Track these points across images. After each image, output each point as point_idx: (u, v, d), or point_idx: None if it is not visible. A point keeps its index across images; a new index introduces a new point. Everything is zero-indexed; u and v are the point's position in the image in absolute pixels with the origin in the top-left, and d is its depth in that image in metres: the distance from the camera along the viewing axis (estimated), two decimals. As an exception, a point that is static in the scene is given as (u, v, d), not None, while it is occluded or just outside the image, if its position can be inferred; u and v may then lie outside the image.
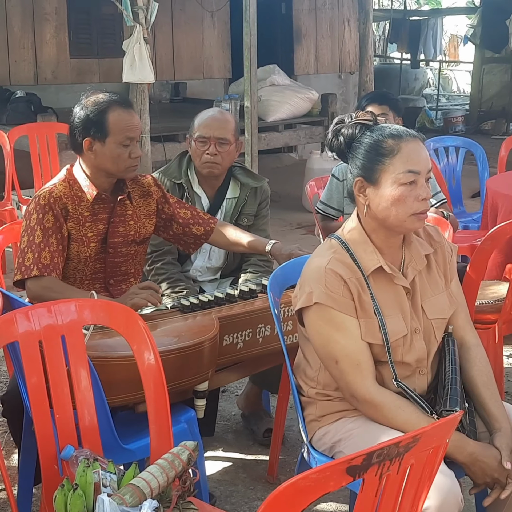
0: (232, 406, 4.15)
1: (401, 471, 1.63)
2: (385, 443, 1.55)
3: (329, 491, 1.53)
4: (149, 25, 6.46)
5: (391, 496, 1.67)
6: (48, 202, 3.13)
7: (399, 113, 4.39)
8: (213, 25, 10.24)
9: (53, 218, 3.13)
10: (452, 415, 1.72)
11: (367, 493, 1.59)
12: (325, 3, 11.22)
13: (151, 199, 3.40)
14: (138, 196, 3.37)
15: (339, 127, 2.57)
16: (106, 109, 3.13)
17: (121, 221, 3.29)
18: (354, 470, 1.52)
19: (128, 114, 3.18)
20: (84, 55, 9.25)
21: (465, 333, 2.67)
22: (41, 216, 3.12)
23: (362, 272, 2.48)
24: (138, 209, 3.36)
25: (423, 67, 17.97)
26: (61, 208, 3.15)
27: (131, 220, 3.32)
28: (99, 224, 3.24)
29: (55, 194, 3.16)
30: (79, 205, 3.20)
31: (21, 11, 8.71)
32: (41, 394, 2.36)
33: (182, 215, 3.47)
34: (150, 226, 3.40)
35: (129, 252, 3.33)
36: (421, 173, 2.44)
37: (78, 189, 3.21)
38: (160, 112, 7.74)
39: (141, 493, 2.13)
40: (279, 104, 8.31)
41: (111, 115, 3.12)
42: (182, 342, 2.82)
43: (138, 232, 3.34)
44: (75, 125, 3.17)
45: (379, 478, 1.58)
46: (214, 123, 3.74)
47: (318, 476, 1.50)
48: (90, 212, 3.22)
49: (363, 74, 8.86)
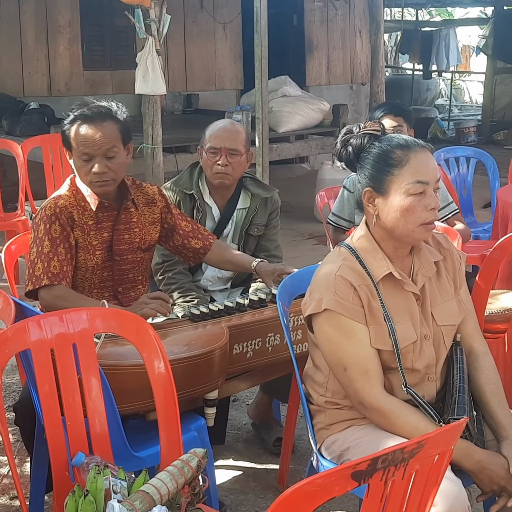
0: (243, 415, 4.16)
1: (406, 476, 1.65)
2: (390, 449, 1.57)
3: (335, 496, 1.55)
4: (161, 37, 6.49)
5: (397, 501, 1.69)
6: (54, 212, 3.18)
7: (411, 125, 4.41)
8: (225, 37, 10.31)
9: (60, 227, 3.17)
10: (456, 422, 1.74)
11: (373, 499, 1.61)
12: (337, 15, 11.28)
13: (155, 206, 3.44)
14: (142, 204, 3.40)
15: (348, 137, 2.60)
16: (72, 122, 3.18)
17: (126, 229, 3.32)
18: (359, 475, 1.54)
19: (91, 129, 3.14)
20: (97, 67, 9.33)
21: (473, 340, 2.69)
22: (48, 226, 3.16)
23: (371, 279, 2.50)
24: (143, 217, 3.39)
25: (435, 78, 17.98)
26: (67, 218, 3.19)
27: (136, 227, 3.35)
28: (103, 232, 3.27)
29: (61, 204, 3.20)
30: (83, 214, 3.24)
31: (35, 24, 8.81)
32: (53, 401, 2.39)
33: (183, 227, 3.50)
34: (155, 234, 3.44)
35: (135, 259, 3.37)
36: (429, 183, 2.46)
37: (81, 199, 3.25)
38: (172, 123, 7.79)
39: (151, 500, 2.15)
40: (291, 115, 8.34)
41: (73, 129, 3.17)
42: (192, 351, 2.84)
43: (143, 239, 3.37)
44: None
45: (384, 484, 1.60)
46: (225, 134, 3.77)
47: (323, 481, 1.52)
48: (94, 220, 3.26)
49: (374, 85, 8.88)
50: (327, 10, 11.20)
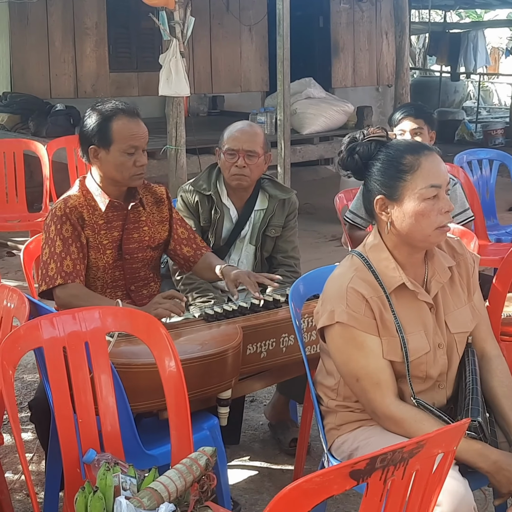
0: (260, 415, 4.18)
1: (406, 476, 1.66)
2: (389, 448, 1.58)
3: (333, 495, 1.57)
4: (186, 39, 6.53)
5: (397, 501, 1.69)
6: (64, 213, 3.21)
7: (433, 127, 4.37)
8: (251, 39, 10.35)
9: (71, 227, 3.21)
10: (458, 423, 1.75)
11: (372, 498, 1.62)
12: (363, 17, 11.28)
13: (163, 205, 3.47)
14: (151, 203, 3.44)
15: (353, 145, 2.55)
16: (110, 118, 3.20)
17: (135, 228, 3.36)
18: (358, 474, 1.55)
19: (133, 123, 3.23)
20: (123, 68, 9.41)
21: (486, 344, 2.68)
22: (59, 226, 3.20)
23: (384, 290, 2.48)
24: (151, 216, 3.43)
25: (463, 80, 17.89)
26: (77, 217, 3.23)
27: (145, 226, 3.39)
28: (113, 231, 3.31)
29: (70, 204, 3.24)
30: (93, 214, 3.27)
31: (62, 26, 8.89)
32: (65, 398, 2.42)
33: (179, 233, 3.52)
34: (164, 232, 3.47)
35: (145, 258, 3.40)
36: (442, 186, 2.46)
37: (91, 199, 3.29)
38: (197, 125, 7.83)
39: (159, 497, 2.18)
40: (315, 117, 8.36)
41: (115, 124, 3.19)
42: (205, 350, 2.86)
43: (152, 237, 3.41)
44: (83, 133, 3.26)
45: (383, 483, 1.61)
46: (243, 136, 3.78)
47: (321, 479, 1.53)
48: (104, 220, 3.29)
49: (399, 87, 8.87)
50: (353, 12, 11.20)
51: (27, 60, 8.74)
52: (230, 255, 3.90)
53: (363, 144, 2.53)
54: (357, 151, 2.54)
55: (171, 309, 3.03)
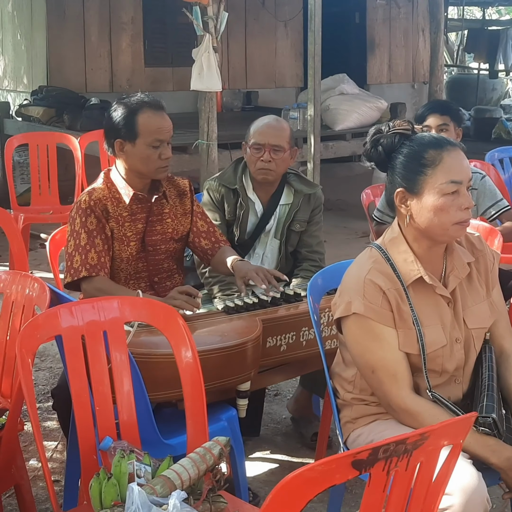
0: (283, 409, 4.20)
1: (410, 468, 1.67)
2: (392, 439, 1.59)
3: (335, 484, 1.58)
4: (219, 34, 6.56)
5: (401, 492, 1.70)
6: (89, 205, 3.25)
7: (459, 124, 4.34)
8: (286, 35, 10.35)
9: (95, 220, 3.25)
10: (464, 416, 1.75)
11: (375, 488, 1.63)
12: (400, 13, 11.24)
13: (186, 198, 3.50)
14: (174, 196, 3.48)
15: (378, 137, 2.56)
16: (136, 111, 3.23)
17: (159, 220, 3.39)
18: (360, 464, 1.57)
19: (158, 116, 3.27)
20: (158, 63, 9.46)
21: (504, 341, 2.67)
22: (84, 219, 3.24)
23: (401, 283, 2.49)
24: (174, 208, 3.46)
25: (501, 78, 17.71)
26: (102, 210, 3.27)
27: (168, 218, 3.42)
28: (137, 224, 3.35)
29: (95, 197, 3.28)
30: (117, 206, 3.31)
31: (99, 21, 8.97)
32: (83, 386, 2.46)
33: (198, 226, 3.54)
34: (187, 224, 3.50)
35: (168, 249, 3.43)
36: (463, 182, 2.45)
37: (115, 191, 3.33)
38: (231, 120, 7.85)
39: (172, 485, 2.21)
40: (348, 113, 8.34)
41: (141, 117, 3.23)
42: (225, 342, 2.89)
43: (175, 229, 3.44)
44: (109, 127, 3.29)
45: (386, 474, 1.62)
46: (269, 130, 3.80)
47: (323, 468, 1.55)
48: (129, 212, 3.33)
49: (433, 84, 8.84)
50: (389, 8, 11.16)
51: (64, 54, 8.82)
52: (254, 249, 3.92)
53: (388, 136, 2.55)
54: (381, 143, 2.55)
55: (182, 306, 3.05)
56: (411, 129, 2.56)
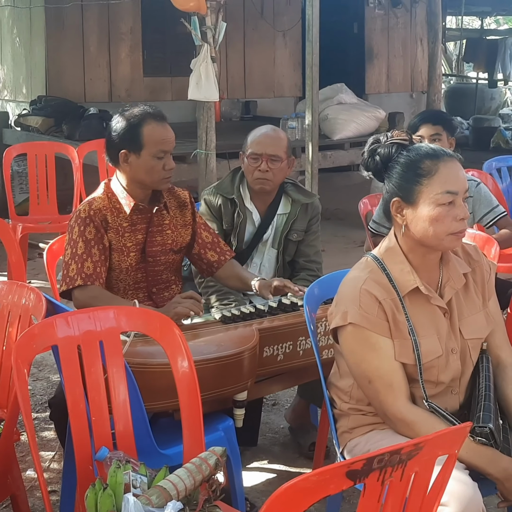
0: (281, 419, 4.19)
1: (404, 478, 1.66)
2: (386, 449, 1.58)
3: (330, 494, 1.58)
4: (217, 44, 6.56)
5: (396, 503, 1.70)
6: (88, 215, 3.25)
7: (452, 133, 4.34)
8: (284, 45, 10.37)
9: (94, 229, 3.24)
10: (459, 426, 1.75)
11: (369, 499, 1.63)
12: (398, 23, 11.25)
13: (186, 209, 3.50)
14: (174, 207, 3.47)
15: (375, 146, 2.58)
16: (140, 122, 3.24)
17: (159, 231, 3.39)
18: (354, 475, 1.56)
19: (162, 127, 3.28)
20: (157, 73, 9.46)
21: (501, 352, 2.67)
22: (83, 228, 3.24)
23: (397, 293, 2.50)
24: (175, 219, 3.46)
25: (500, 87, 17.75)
26: (101, 220, 3.27)
27: (168, 229, 3.42)
28: (137, 234, 3.35)
29: (95, 207, 3.28)
30: (117, 216, 3.31)
31: (98, 31, 8.98)
32: (79, 396, 2.46)
33: (203, 237, 3.55)
34: (187, 236, 3.50)
35: (168, 261, 3.43)
36: (459, 193, 2.46)
37: (116, 201, 3.32)
38: (229, 129, 7.84)
39: (168, 495, 2.20)
40: (346, 122, 8.35)
41: (145, 128, 3.23)
42: (221, 352, 2.88)
43: (175, 241, 3.44)
44: (112, 138, 3.29)
45: (381, 484, 1.62)
46: (267, 140, 3.81)
47: (318, 478, 1.55)
48: (129, 222, 3.33)
49: (431, 94, 8.86)
50: (388, 18, 11.18)
51: (62, 64, 8.82)
52: (252, 259, 3.93)
53: (385, 146, 2.56)
54: (378, 153, 2.57)
55: (191, 308, 3.07)
56: (409, 139, 2.57)
